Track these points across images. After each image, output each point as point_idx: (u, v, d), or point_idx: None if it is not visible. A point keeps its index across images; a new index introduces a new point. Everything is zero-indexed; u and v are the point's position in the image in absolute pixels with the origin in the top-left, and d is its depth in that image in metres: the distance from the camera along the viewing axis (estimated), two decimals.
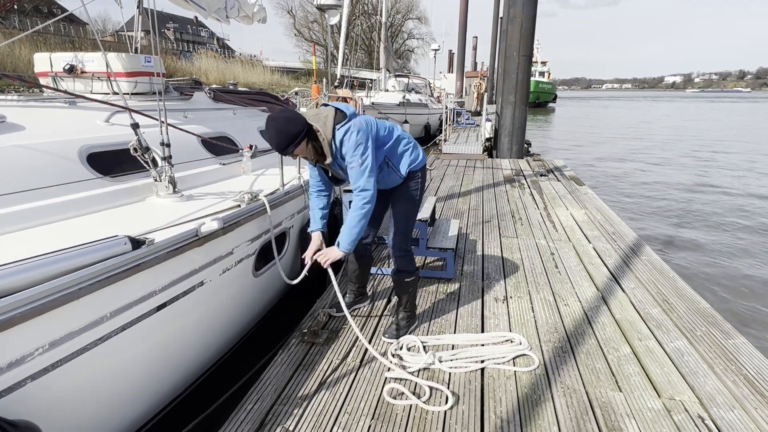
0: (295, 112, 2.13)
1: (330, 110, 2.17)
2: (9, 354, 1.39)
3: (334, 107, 2.19)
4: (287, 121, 2.06)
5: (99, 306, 1.65)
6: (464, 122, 18.00)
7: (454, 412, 1.99)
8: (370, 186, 2.17)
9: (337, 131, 2.14)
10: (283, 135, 2.05)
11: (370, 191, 2.18)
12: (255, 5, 4.86)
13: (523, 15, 9.10)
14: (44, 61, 3.33)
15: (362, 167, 2.15)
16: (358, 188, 2.18)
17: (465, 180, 7.32)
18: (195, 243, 2.04)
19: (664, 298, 3.08)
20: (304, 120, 2.09)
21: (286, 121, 2.06)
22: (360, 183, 2.17)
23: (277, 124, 2.05)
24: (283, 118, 2.07)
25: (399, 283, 2.57)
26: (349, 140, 2.13)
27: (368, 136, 2.18)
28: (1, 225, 1.86)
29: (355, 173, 2.17)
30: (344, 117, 2.16)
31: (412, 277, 2.55)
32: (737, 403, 2.04)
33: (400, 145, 2.38)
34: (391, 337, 2.56)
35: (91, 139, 2.52)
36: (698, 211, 8.04)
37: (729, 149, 16.59)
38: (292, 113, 2.11)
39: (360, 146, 2.13)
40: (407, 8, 44.01)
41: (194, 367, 2.39)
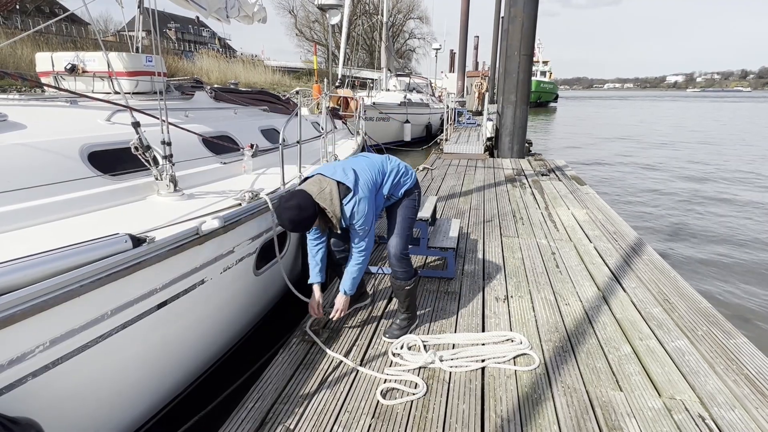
0: (301, 196, 2.14)
1: (332, 185, 2.22)
2: (10, 351, 1.39)
3: (335, 180, 2.23)
4: (298, 209, 2.11)
5: (100, 303, 1.65)
6: (465, 122, 17.98)
7: (454, 411, 1.99)
8: (369, 245, 2.40)
9: (345, 207, 2.24)
10: (297, 223, 2.13)
11: (368, 250, 2.41)
12: (255, 5, 4.86)
13: (524, 14, 9.09)
14: (46, 61, 3.34)
15: (365, 231, 2.32)
16: (359, 248, 2.38)
17: (466, 179, 7.31)
18: (196, 241, 2.05)
19: (665, 298, 3.08)
20: (312, 202, 2.15)
21: (298, 209, 2.11)
22: (362, 245, 2.37)
23: (290, 214, 2.10)
24: (294, 207, 2.11)
25: (398, 288, 2.57)
26: (358, 212, 2.25)
27: (371, 200, 2.31)
28: (3, 223, 1.86)
29: (360, 235, 2.33)
30: (348, 190, 2.23)
31: (411, 283, 2.56)
32: (738, 403, 2.04)
33: (396, 178, 2.47)
34: (391, 337, 2.57)
35: (92, 138, 2.52)
36: (702, 212, 8.03)
37: (731, 150, 16.55)
38: (300, 199, 2.13)
39: (366, 216, 2.27)
40: (408, 8, 43.99)
41: (195, 365, 2.39)
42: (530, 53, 9.44)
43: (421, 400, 2.06)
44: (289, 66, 38.93)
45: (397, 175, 2.48)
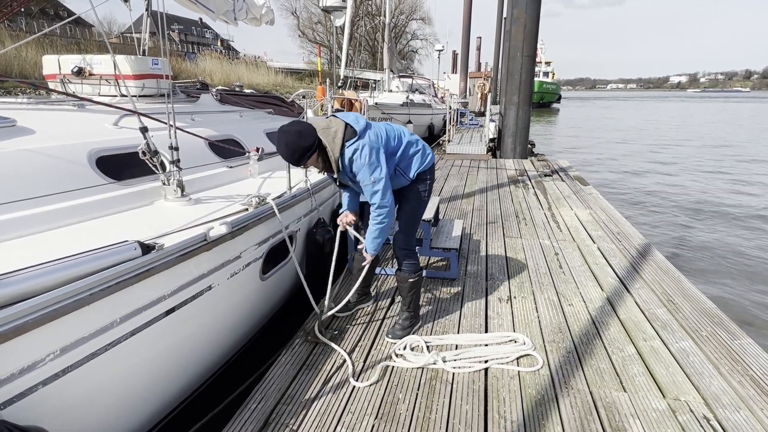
0: (305, 125, 2.13)
1: (340, 125, 2.18)
2: (21, 360, 1.40)
3: (345, 122, 2.19)
4: (298, 135, 2.09)
5: (109, 311, 1.66)
6: (468, 123, 17.97)
7: (457, 412, 1.99)
8: (386, 202, 2.23)
9: (346, 149, 2.16)
10: (293, 149, 2.09)
11: (386, 207, 2.24)
12: (263, 7, 4.88)
13: (526, 15, 9.08)
14: (53, 64, 3.36)
15: (376, 186, 2.19)
16: (375, 205, 2.25)
17: (469, 180, 7.31)
18: (204, 247, 2.05)
19: (669, 299, 3.07)
20: (314, 133, 2.11)
21: (297, 135, 2.08)
22: (375, 200, 2.23)
23: (288, 138, 2.08)
24: (294, 132, 2.08)
25: (402, 281, 2.59)
26: (359, 158, 2.15)
27: (379, 152, 2.19)
28: (13, 229, 1.87)
29: (369, 191, 2.21)
30: (354, 133, 2.16)
31: (415, 276, 2.57)
32: (743, 404, 2.03)
33: (409, 151, 2.40)
34: (394, 338, 2.58)
35: (100, 142, 2.53)
36: (707, 212, 7.99)
37: (735, 150, 16.46)
38: (303, 126, 2.12)
39: (371, 165, 2.16)
40: (411, 9, 44.06)
41: (201, 370, 2.40)
42: (533, 54, 9.43)
43: (425, 401, 2.06)
44: (291, 67, 39.01)
45: (415, 148, 2.41)
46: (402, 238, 2.52)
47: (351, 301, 2.86)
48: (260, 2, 4.88)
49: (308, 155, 2.10)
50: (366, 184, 2.19)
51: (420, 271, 2.60)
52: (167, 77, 3.15)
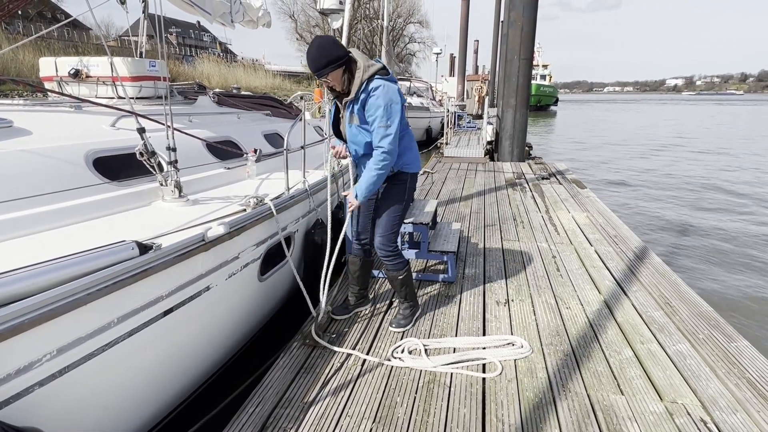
0: (341, 44, 2.18)
1: (378, 65, 2.23)
2: (17, 360, 1.39)
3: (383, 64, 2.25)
4: (334, 42, 2.14)
5: (106, 311, 1.65)
6: (465, 125, 18.02)
7: (455, 415, 1.99)
8: (393, 149, 2.23)
9: (376, 79, 2.18)
10: (324, 53, 2.11)
11: (392, 155, 2.24)
12: (260, 10, 4.89)
13: (523, 18, 9.13)
14: (49, 66, 3.36)
15: (389, 129, 2.20)
16: (381, 149, 2.22)
17: (467, 183, 7.32)
18: (202, 248, 2.05)
19: (667, 301, 3.08)
20: (347, 52, 2.17)
21: (333, 42, 2.14)
22: (384, 144, 2.21)
23: (323, 41, 2.12)
24: (330, 40, 2.13)
25: (393, 279, 2.64)
26: (382, 95, 2.16)
27: (398, 104, 2.22)
28: (9, 230, 1.86)
29: (381, 133, 2.20)
30: (386, 73, 2.22)
31: (403, 272, 2.61)
32: (740, 406, 2.03)
33: (404, 141, 2.42)
34: (398, 327, 2.64)
35: (97, 143, 2.53)
36: (703, 214, 8.03)
37: (730, 152, 16.56)
38: (339, 42, 2.18)
39: (390, 108, 2.17)
40: (408, 12, 44.21)
41: (199, 372, 2.39)
42: (530, 57, 9.47)
43: (422, 405, 2.06)
44: (289, 70, 39.04)
45: (412, 142, 2.44)
46: (383, 242, 2.52)
47: (349, 303, 2.86)
48: (257, 5, 4.89)
49: (336, 64, 2.12)
50: (379, 126, 2.19)
51: (407, 266, 2.63)
52: (165, 79, 3.15)
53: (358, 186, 2.34)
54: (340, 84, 2.22)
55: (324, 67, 2.12)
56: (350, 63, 2.19)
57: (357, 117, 2.27)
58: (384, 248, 2.53)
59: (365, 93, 2.20)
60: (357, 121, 2.28)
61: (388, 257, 2.55)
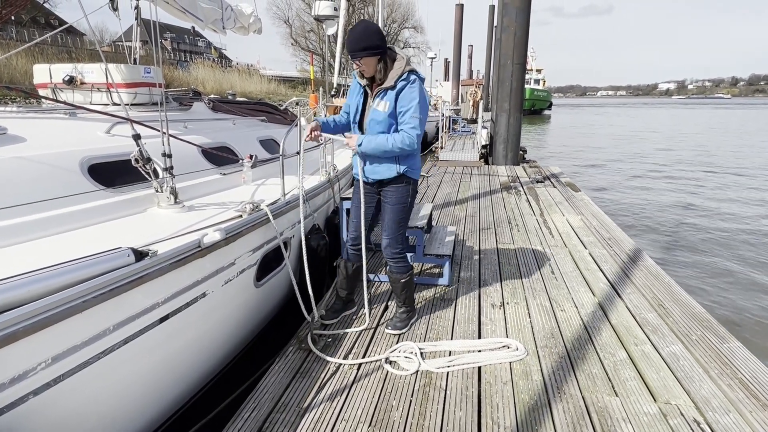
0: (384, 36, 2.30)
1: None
2: (11, 369, 1.38)
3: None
4: (377, 32, 2.24)
5: (102, 319, 1.64)
6: (460, 130, 18.10)
7: (451, 419, 1.99)
8: (417, 136, 2.32)
9: (413, 74, 2.31)
10: (365, 37, 2.21)
11: (413, 142, 2.32)
12: (251, 16, 4.91)
13: (516, 24, 9.21)
14: (44, 73, 3.35)
15: (418, 122, 2.30)
16: (407, 134, 2.30)
17: (462, 187, 7.35)
18: (198, 254, 2.04)
19: (660, 303, 3.11)
20: (387, 46, 2.29)
21: (376, 32, 2.24)
22: (411, 131, 2.30)
23: (367, 26, 2.25)
24: (375, 28, 2.25)
25: (395, 282, 2.68)
26: (415, 89, 2.29)
27: (426, 99, 2.36)
28: (4, 237, 1.85)
29: (412, 122, 2.30)
30: (417, 74, 2.35)
31: (406, 276, 2.66)
32: (732, 407, 2.05)
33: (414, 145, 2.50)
34: (394, 329, 2.68)
35: (92, 150, 2.53)
36: (697, 216, 8.10)
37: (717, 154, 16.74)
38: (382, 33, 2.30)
39: (421, 102, 2.29)
40: (403, 17, 44.47)
41: (196, 379, 2.38)
42: (523, 62, 9.55)
43: (418, 408, 2.06)
44: (284, 75, 39.13)
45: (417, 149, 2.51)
46: (390, 243, 2.59)
47: (337, 308, 2.87)
48: (248, 11, 4.92)
49: (376, 50, 2.23)
50: (412, 116, 2.29)
51: (411, 270, 2.69)
52: (160, 85, 3.16)
53: (368, 139, 2.35)
54: (371, 70, 2.31)
55: (361, 50, 2.23)
56: (386, 55, 2.30)
57: (388, 103, 2.33)
58: (391, 250, 2.60)
59: (405, 81, 2.30)
60: (387, 108, 2.34)
61: (394, 259, 2.62)
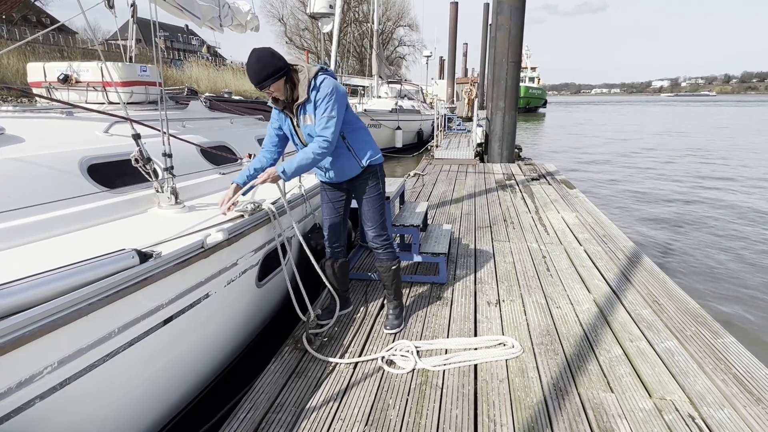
0: (280, 55, 2.25)
1: (317, 66, 2.36)
2: (19, 373, 1.36)
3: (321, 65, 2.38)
4: (271, 55, 2.18)
5: (107, 321, 1.63)
6: (456, 128, 18.14)
7: (448, 416, 2.00)
8: (333, 139, 2.27)
9: (319, 76, 2.28)
10: (263, 66, 2.15)
11: (330, 145, 2.28)
12: (248, 14, 4.89)
13: (511, 22, 9.23)
14: (38, 71, 3.31)
15: (330, 122, 2.26)
16: (323, 138, 2.27)
17: (457, 185, 7.36)
18: (201, 255, 2.03)
19: (654, 299, 3.13)
20: (286, 62, 2.23)
21: (270, 55, 2.18)
22: (326, 133, 2.26)
23: (260, 54, 2.16)
24: (268, 52, 2.18)
25: (385, 270, 2.72)
26: (326, 87, 2.26)
27: (342, 95, 2.32)
28: (5, 239, 1.83)
29: (323, 123, 2.27)
30: (324, 71, 2.33)
31: (395, 263, 2.73)
32: (727, 402, 2.07)
33: (362, 133, 2.50)
34: (392, 328, 2.72)
35: (91, 150, 2.50)
36: (689, 212, 8.15)
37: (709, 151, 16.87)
38: (278, 53, 2.24)
39: (333, 98, 2.25)
40: (398, 15, 44.42)
41: (199, 380, 2.36)
42: (518, 60, 9.57)
43: (415, 406, 2.06)
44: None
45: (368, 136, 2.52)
46: (375, 233, 2.64)
47: (332, 308, 2.87)
48: (245, 9, 4.90)
49: (278, 75, 2.19)
50: (323, 115, 2.25)
51: (398, 258, 2.76)
52: (160, 84, 3.13)
53: (288, 162, 2.30)
54: (283, 93, 2.28)
55: (265, 80, 2.17)
56: (290, 72, 2.26)
57: (311, 116, 2.32)
58: (377, 239, 2.64)
59: (315, 88, 2.28)
60: (313, 120, 2.32)
61: (383, 246, 2.66)
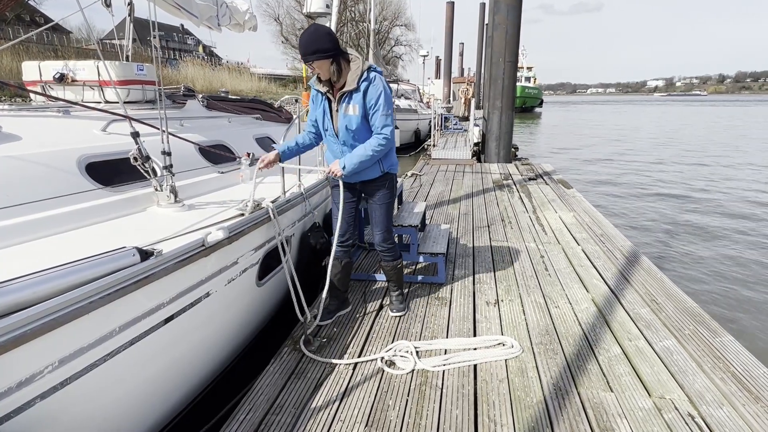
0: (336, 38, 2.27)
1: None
2: (19, 373, 1.35)
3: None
4: (327, 34, 2.21)
5: (108, 320, 1.62)
6: (452, 127, 18.15)
7: (448, 417, 1.99)
8: (389, 133, 2.36)
9: (373, 71, 2.31)
10: (315, 40, 2.19)
11: (390, 142, 2.39)
12: (246, 13, 4.87)
13: (507, 21, 9.24)
14: (33, 70, 3.28)
15: (389, 119, 2.35)
16: (383, 135, 2.35)
17: (455, 185, 7.36)
18: (202, 253, 2.01)
19: (653, 298, 3.13)
20: (340, 46, 2.25)
21: (326, 34, 2.21)
22: (386, 131, 2.35)
23: (317, 29, 2.21)
24: (324, 30, 2.22)
25: (391, 269, 2.87)
26: (379, 85, 2.30)
27: (390, 93, 2.38)
28: (4, 238, 1.82)
29: (383, 120, 2.34)
30: (375, 70, 2.35)
31: (399, 261, 2.89)
32: (725, 400, 2.08)
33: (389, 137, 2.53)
34: (398, 311, 2.90)
35: (89, 148, 2.48)
36: (688, 211, 8.19)
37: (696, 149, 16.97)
38: (334, 35, 2.26)
39: (388, 97, 2.33)
40: (394, 15, 44.36)
41: (199, 379, 2.35)
42: (514, 59, 9.59)
43: (415, 407, 2.05)
44: (275, 73, 38.85)
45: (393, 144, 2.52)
46: (384, 237, 2.74)
47: (332, 308, 2.86)
48: (243, 8, 4.87)
49: (326, 54, 2.21)
50: (382, 114, 2.32)
51: (401, 256, 2.92)
52: (159, 83, 3.11)
53: (349, 158, 2.37)
54: (326, 73, 2.29)
55: (311, 54, 2.20)
56: (338, 57, 2.26)
57: (357, 106, 2.34)
58: (385, 243, 2.75)
59: (367, 81, 2.30)
60: (357, 111, 2.34)
61: (389, 250, 2.79)
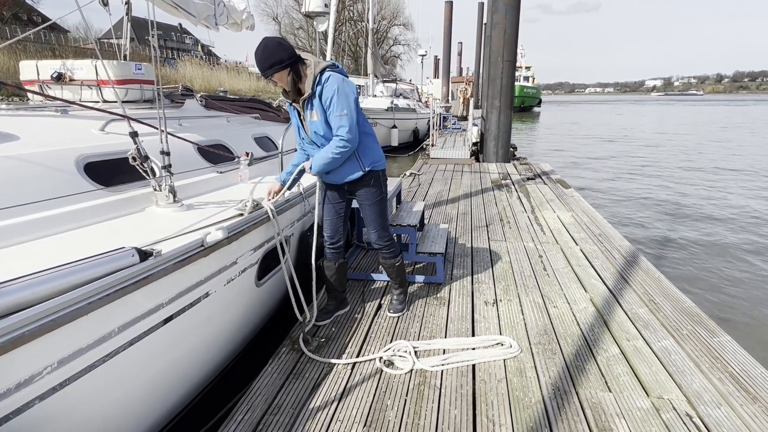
0: (289, 44, 2.25)
1: (330, 62, 2.35)
2: (18, 374, 1.34)
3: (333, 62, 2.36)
4: (278, 45, 2.19)
5: (107, 321, 1.61)
6: (451, 127, 18.16)
7: (446, 417, 1.99)
8: (352, 137, 2.28)
9: (326, 72, 2.27)
10: (268, 54, 2.16)
11: (350, 144, 2.30)
12: (243, 12, 4.86)
13: (506, 21, 9.24)
14: (30, 69, 3.27)
15: (344, 118, 2.26)
16: (339, 137, 2.28)
17: (453, 185, 7.37)
18: (201, 253, 2.01)
19: (651, 298, 3.14)
20: (295, 52, 2.22)
21: (277, 45, 2.18)
22: (341, 132, 2.27)
23: (267, 43, 2.17)
24: (275, 42, 2.19)
25: (390, 267, 2.84)
26: (333, 84, 2.24)
27: (350, 90, 2.30)
28: (2, 239, 1.81)
29: (338, 121, 2.27)
30: (334, 67, 2.31)
31: (398, 259, 2.85)
32: (723, 401, 2.08)
33: (368, 138, 2.49)
34: (395, 312, 2.88)
35: (87, 148, 2.47)
36: (685, 211, 8.20)
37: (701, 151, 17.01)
38: (287, 43, 2.24)
39: (344, 95, 2.24)
40: (392, 14, 44.37)
41: (198, 380, 2.34)
42: (513, 59, 9.59)
43: (413, 407, 2.05)
44: None
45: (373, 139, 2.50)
46: (379, 235, 2.70)
47: (330, 308, 2.86)
48: (241, 7, 4.86)
49: (282, 65, 2.19)
50: (336, 115, 2.25)
51: (401, 253, 2.89)
52: (157, 82, 3.11)
53: (314, 161, 2.39)
54: (287, 84, 2.28)
55: (269, 68, 2.19)
56: (296, 65, 2.25)
57: (317, 112, 2.32)
58: (381, 240, 2.72)
59: (319, 85, 2.28)
60: (318, 117, 2.33)
61: (386, 246, 2.75)
